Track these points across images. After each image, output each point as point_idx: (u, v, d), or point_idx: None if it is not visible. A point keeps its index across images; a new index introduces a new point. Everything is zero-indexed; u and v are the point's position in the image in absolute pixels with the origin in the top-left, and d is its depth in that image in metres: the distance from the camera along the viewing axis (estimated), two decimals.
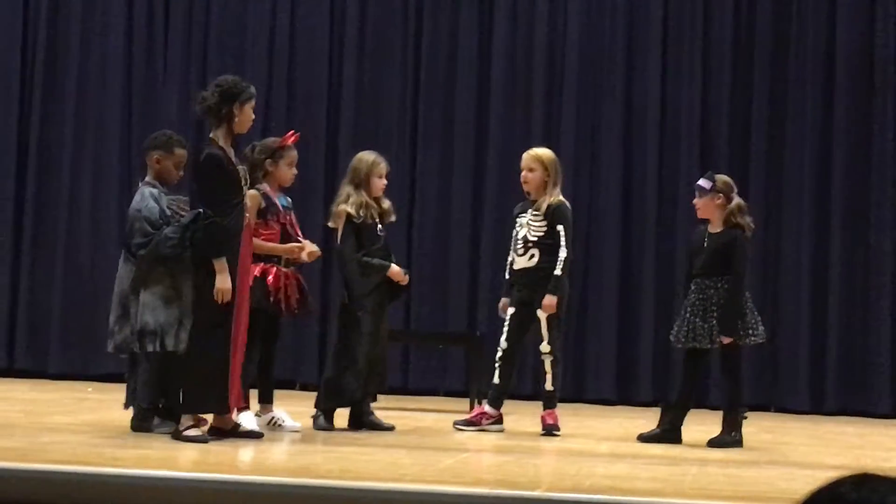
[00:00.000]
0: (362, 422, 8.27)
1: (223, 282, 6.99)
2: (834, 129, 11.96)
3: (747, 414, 8.36)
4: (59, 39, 12.66)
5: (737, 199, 8.31)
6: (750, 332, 8.16)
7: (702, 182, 8.32)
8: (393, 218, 8.54)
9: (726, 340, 8.10)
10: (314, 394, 11.58)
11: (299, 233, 8.25)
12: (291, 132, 8.34)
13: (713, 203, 8.26)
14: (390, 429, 8.29)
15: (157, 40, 12.64)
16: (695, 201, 8.38)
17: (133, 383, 7.65)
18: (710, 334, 8.12)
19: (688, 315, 8.20)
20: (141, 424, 7.45)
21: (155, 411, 7.45)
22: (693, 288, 8.26)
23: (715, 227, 8.29)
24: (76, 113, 12.57)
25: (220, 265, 7.00)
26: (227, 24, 12.62)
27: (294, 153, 8.19)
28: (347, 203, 8.28)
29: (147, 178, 7.74)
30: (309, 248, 8.10)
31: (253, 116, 7.31)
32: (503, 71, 12.31)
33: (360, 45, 12.48)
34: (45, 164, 12.57)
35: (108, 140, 12.54)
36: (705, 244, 8.26)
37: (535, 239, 8.50)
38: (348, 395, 8.24)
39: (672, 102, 12.17)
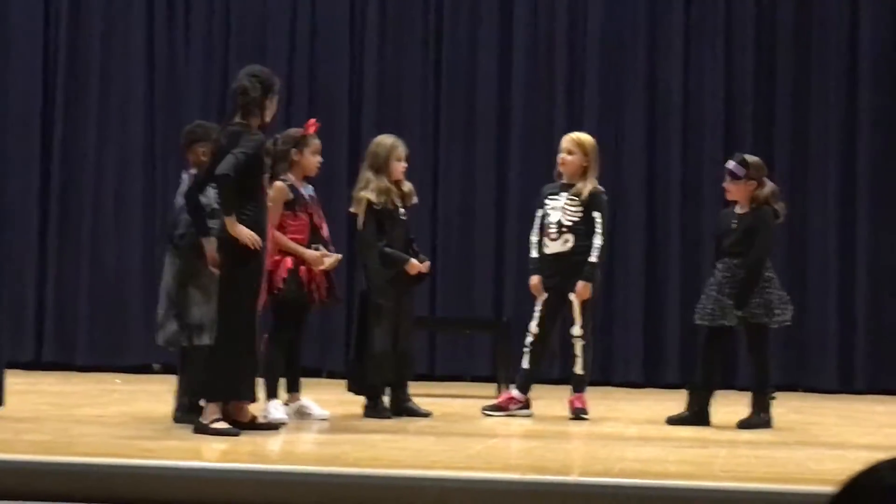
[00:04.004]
0: (400, 408, 8.28)
1: (240, 233, 6.89)
2: (858, 110, 11.91)
3: (776, 394, 8.33)
4: (82, 35, 12.68)
5: (770, 185, 8.24)
6: (775, 311, 8.09)
7: (733, 167, 8.20)
8: (415, 200, 8.51)
9: (738, 314, 8.04)
10: (342, 382, 11.65)
11: (324, 224, 8.25)
12: (313, 120, 8.32)
13: (746, 189, 8.19)
14: (427, 415, 8.31)
15: (179, 33, 12.65)
16: (725, 185, 8.30)
17: (184, 376, 7.66)
18: (734, 311, 8.08)
19: (713, 293, 8.15)
20: (184, 417, 7.45)
21: (198, 405, 7.44)
22: (720, 267, 8.21)
23: (743, 209, 8.23)
24: (99, 107, 12.58)
25: (230, 221, 6.92)
26: (249, 14, 12.61)
27: (317, 141, 8.19)
28: (367, 189, 8.28)
29: (192, 171, 7.71)
30: (330, 260, 8.08)
31: (276, 108, 7.32)
32: (525, 57, 12.28)
33: (381, 32, 12.47)
34: (69, 155, 12.59)
35: (131, 132, 12.55)
36: (734, 225, 8.21)
37: (571, 224, 8.47)
38: (368, 383, 8.26)
39: (695, 86, 12.13)
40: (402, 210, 8.37)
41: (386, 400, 8.31)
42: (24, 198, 12.57)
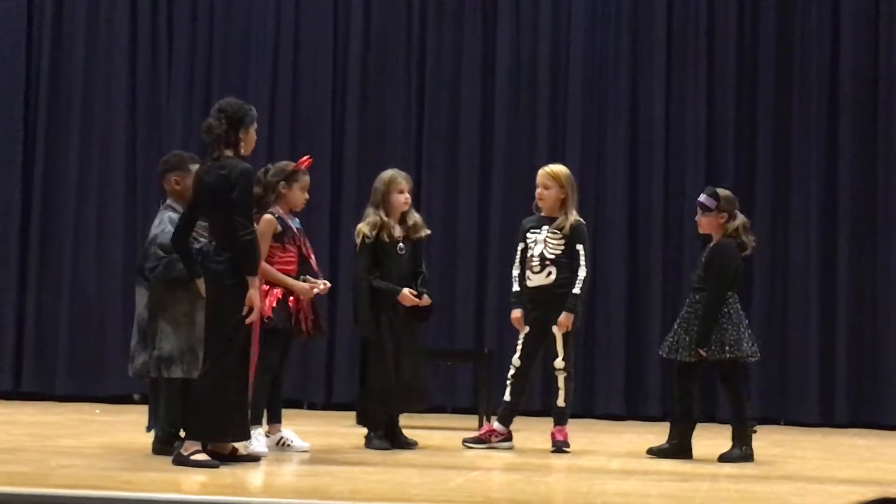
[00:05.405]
0: (392, 440, 8.30)
1: (257, 299, 6.98)
2: (839, 143, 11.95)
3: (756, 428, 8.31)
4: (63, 64, 12.67)
5: (741, 217, 8.25)
6: (727, 348, 8.04)
7: (704, 200, 8.23)
8: (423, 234, 8.47)
9: (701, 352, 8.03)
10: (322, 413, 11.66)
11: (312, 255, 8.25)
12: (306, 157, 8.31)
13: (717, 221, 8.22)
14: (413, 445, 8.35)
15: (161, 63, 12.64)
16: (697, 218, 8.33)
17: (155, 407, 7.63)
18: (690, 347, 8.08)
19: (676, 327, 8.21)
20: (162, 448, 7.43)
21: (176, 435, 7.42)
22: (688, 301, 8.25)
23: (714, 242, 8.26)
24: (81, 136, 12.57)
25: (255, 282, 6.97)
26: (231, 45, 12.62)
27: (307, 178, 8.19)
28: (363, 222, 8.32)
29: (168, 202, 7.71)
30: (318, 289, 8.08)
31: (255, 137, 7.29)
32: (507, 89, 12.30)
33: (363, 64, 12.48)
34: (50, 184, 12.57)
35: (112, 161, 12.54)
36: (703, 259, 8.24)
37: (553, 257, 8.45)
38: (369, 416, 8.29)
39: (677, 117, 12.16)
40: (400, 245, 8.35)
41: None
42: (4, 226, 12.53)
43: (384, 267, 8.32)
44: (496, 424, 8.65)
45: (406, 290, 8.30)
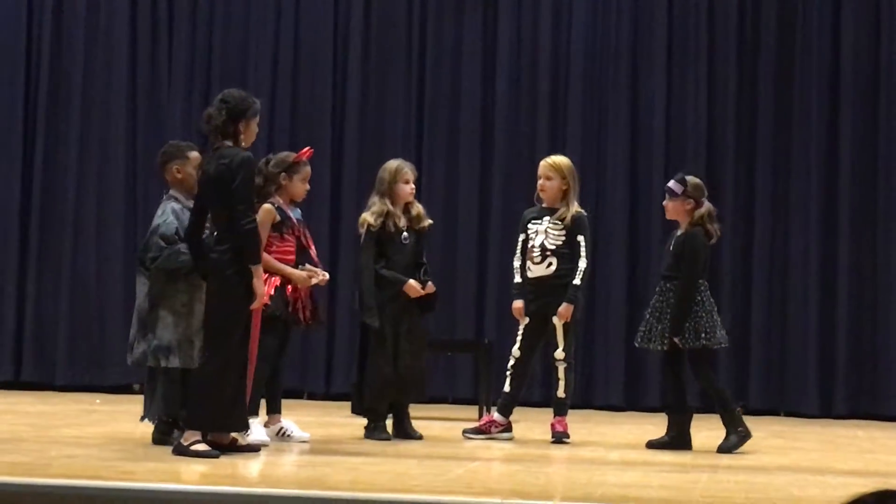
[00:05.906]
0: (398, 431, 8.33)
1: (261, 287, 7.00)
2: (839, 136, 11.95)
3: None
4: (64, 55, 12.67)
5: (707, 205, 8.26)
6: (702, 335, 8.04)
7: (672, 185, 8.27)
8: (425, 223, 8.51)
9: (676, 340, 8.04)
10: (322, 403, 11.67)
11: (312, 245, 8.26)
12: (307, 148, 8.32)
13: (683, 207, 8.23)
14: (419, 438, 8.35)
15: (161, 55, 12.63)
16: (664, 203, 8.35)
17: (151, 396, 7.65)
18: (663, 336, 8.09)
19: (647, 317, 8.23)
20: (162, 437, 7.45)
21: (174, 424, 7.44)
22: (657, 290, 8.27)
23: (681, 230, 8.27)
24: (81, 126, 12.57)
25: (258, 270, 6.99)
26: (231, 35, 12.61)
27: (308, 168, 8.21)
28: (368, 212, 8.33)
29: (171, 192, 7.72)
30: (317, 278, 8.09)
31: (257, 129, 7.29)
32: (507, 81, 12.30)
33: (363, 56, 12.48)
34: (50, 175, 12.57)
35: (113, 152, 12.54)
36: (671, 247, 8.26)
37: (554, 247, 8.46)
38: (365, 405, 8.30)
39: (677, 110, 12.15)
40: (404, 234, 8.37)
41: (389, 423, 8.35)
42: (4, 217, 12.53)
43: (388, 256, 8.34)
44: (496, 415, 8.66)
45: (412, 281, 8.33)
